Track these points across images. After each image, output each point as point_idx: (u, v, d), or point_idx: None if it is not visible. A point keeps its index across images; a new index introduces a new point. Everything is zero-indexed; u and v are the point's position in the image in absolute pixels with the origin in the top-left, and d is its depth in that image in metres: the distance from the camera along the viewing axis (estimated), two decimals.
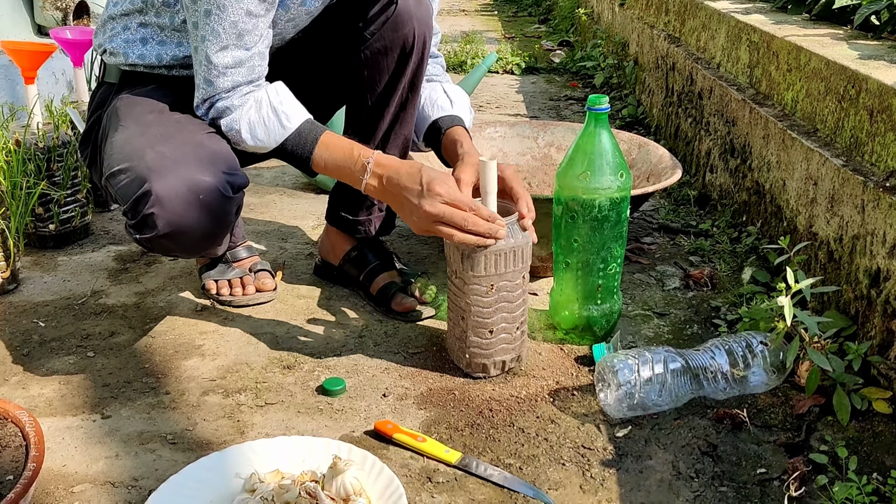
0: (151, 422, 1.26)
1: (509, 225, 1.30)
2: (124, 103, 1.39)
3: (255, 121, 1.33)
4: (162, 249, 1.31)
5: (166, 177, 1.23)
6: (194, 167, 1.26)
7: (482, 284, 1.30)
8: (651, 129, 2.84)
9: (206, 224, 1.28)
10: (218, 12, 1.27)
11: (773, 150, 1.77)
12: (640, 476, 1.15)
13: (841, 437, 1.22)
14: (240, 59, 1.31)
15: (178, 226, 1.24)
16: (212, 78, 1.31)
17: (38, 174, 1.78)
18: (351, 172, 1.32)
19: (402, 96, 1.50)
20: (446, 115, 1.51)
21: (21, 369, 1.39)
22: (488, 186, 1.30)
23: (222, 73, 1.31)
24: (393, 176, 1.28)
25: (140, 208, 1.23)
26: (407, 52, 1.45)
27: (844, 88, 1.52)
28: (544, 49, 4.56)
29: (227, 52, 1.29)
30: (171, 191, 1.23)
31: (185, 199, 1.24)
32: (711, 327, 1.55)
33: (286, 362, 1.42)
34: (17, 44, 2.00)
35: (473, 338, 1.33)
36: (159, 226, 1.23)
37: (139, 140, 1.29)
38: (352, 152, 1.32)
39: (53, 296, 1.66)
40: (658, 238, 1.98)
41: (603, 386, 1.29)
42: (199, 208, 1.25)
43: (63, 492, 1.10)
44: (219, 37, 1.28)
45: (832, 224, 1.49)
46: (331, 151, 1.33)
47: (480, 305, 1.31)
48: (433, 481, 1.13)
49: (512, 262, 1.31)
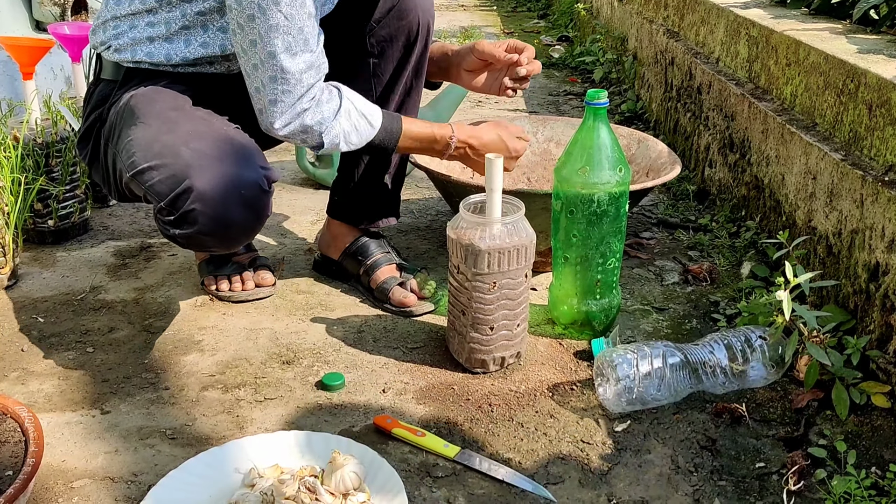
0: (151, 417, 1.26)
1: (513, 223, 1.30)
2: (139, 100, 1.36)
3: (349, 130, 1.39)
4: (197, 244, 1.31)
5: (207, 173, 1.24)
6: (233, 163, 1.27)
7: (485, 282, 1.30)
8: (650, 123, 2.84)
9: (248, 219, 1.29)
10: (286, 22, 1.26)
11: (772, 145, 1.77)
12: (640, 470, 1.15)
13: (840, 432, 1.22)
14: (310, 61, 1.32)
15: (222, 221, 1.25)
16: (290, 88, 1.31)
17: (36, 170, 1.78)
18: (434, 151, 1.48)
19: (407, 83, 1.52)
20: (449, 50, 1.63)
21: (20, 365, 1.39)
22: (493, 183, 1.30)
23: (299, 81, 1.31)
24: (479, 147, 1.49)
25: (180, 204, 1.23)
26: (412, 40, 1.47)
27: (843, 83, 1.52)
28: (543, 44, 4.55)
29: (299, 58, 1.30)
30: (214, 187, 1.23)
31: (228, 195, 1.24)
32: (710, 322, 1.55)
33: (285, 357, 1.42)
34: (15, 39, 1.99)
35: (474, 334, 1.33)
36: (201, 221, 1.24)
37: (169, 137, 1.28)
38: (433, 134, 1.46)
39: (52, 291, 1.66)
40: (657, 233, 1.98)
41: (602, 380, 1.29)
42: (241, 203, 1.26)
43: (62, 487, 1.11)
44: (290, 47, 1.28)
45: (831, 218, 1.49)
46: (414, 139, 1.45)
47: (482, 302, 1.31)
48: (432, 476, 1.13)
49: (515, 259, 1.30)
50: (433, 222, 2.04)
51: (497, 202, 1.30)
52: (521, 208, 1.34)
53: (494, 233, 1.30)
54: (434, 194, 2.23)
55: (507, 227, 1.30)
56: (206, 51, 1.39)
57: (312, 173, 2.25)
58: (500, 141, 1.49)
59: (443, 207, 2.13)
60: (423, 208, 2.14)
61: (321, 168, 2.25)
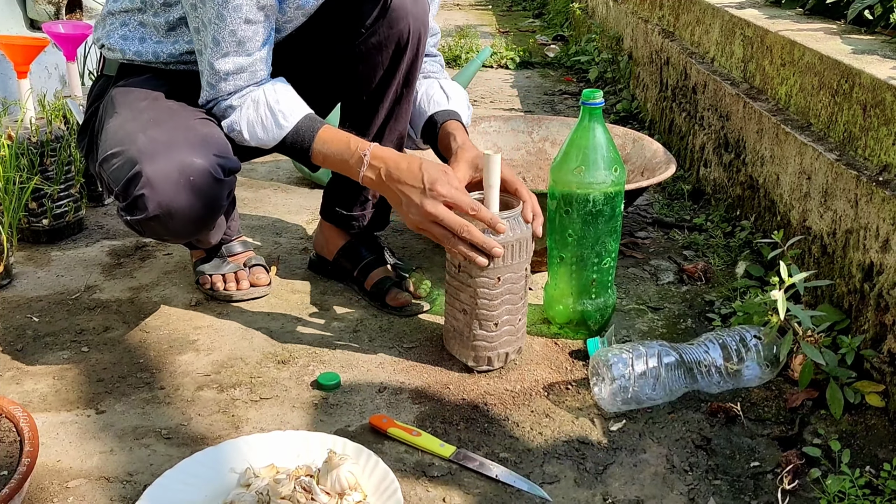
0: (146, 417, 1.26)
1: (514, 217, 1.30)
2: (119, 92, 1.40)
3: (254, 120, 1.35)
4: (152, 232, 1.31)
5: (157, 159, 1.24)
6: (185, 150, 1.27)
7: (490, 276, 1.30)
8: (645, 123, 2.84)
9: (197, 206, 1.28)
10: (217, 22, 1.28)
11: (767, 145, 1.78)
12: (635, 469, 1.15)
13: (834, 431, 1.22)
14: (241, 65, 1.33)
15: (167, 207, 1.25)
16: (214, 82, 1.34)
17: (31, 169, 1.77)
18: (348, 165, 1.33)
19: (396, 92, 1.50)
20: (442, 110, 1.51)
21: (15, 364, 1.39)
22: (491, 180, 1.29)
23: (224, 79, 1.34)
24: (393, 170, 1.28)
25: (131, 190, 1.24)
26: (402, 47, 1.45)
27: (838, 83, 1.53)
28: (539, 43, 4.55)
29: (229, 59, 1.32)
30: (161, 172, 1.24)
31: (175, 181, 1.24)
32: (705, 321, 1.55)
33: (281, 357, 1.42)
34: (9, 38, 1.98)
35: (479, 331, 1.33)
36: (149, 207, 1.24)
37: (131, 125, 1.31)
38: (349, 145, 1.33)
39: (47, 291, 1.65)
40: (652, 232, 1.98)
41: (597, 380, 1.29)
42: (189, 190, 1.26)
43: (58, 487, 1.10)
44: (219, 45, 1.31)
45: (825, 218, 1.49)
46: (328, 145, 1.34)
47: (487, 298, 1.31)
48: (428, 475, 1.13)
49: (518, 252, 1.31)
50: None
51: (495, 198, 1.30)
52: (517, 203, 1.33)
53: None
54: None
55: (509, 221, 1.29)
56: (190, 46, 1.41)
57: (307, 173, 2.25)
58: (417, 172, 1.26)
59: None
60: None
61: None
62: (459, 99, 1.56)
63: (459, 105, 1.55)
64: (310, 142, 1.34)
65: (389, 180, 1.29)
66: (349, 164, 1.33)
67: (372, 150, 1.31)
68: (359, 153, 1.31)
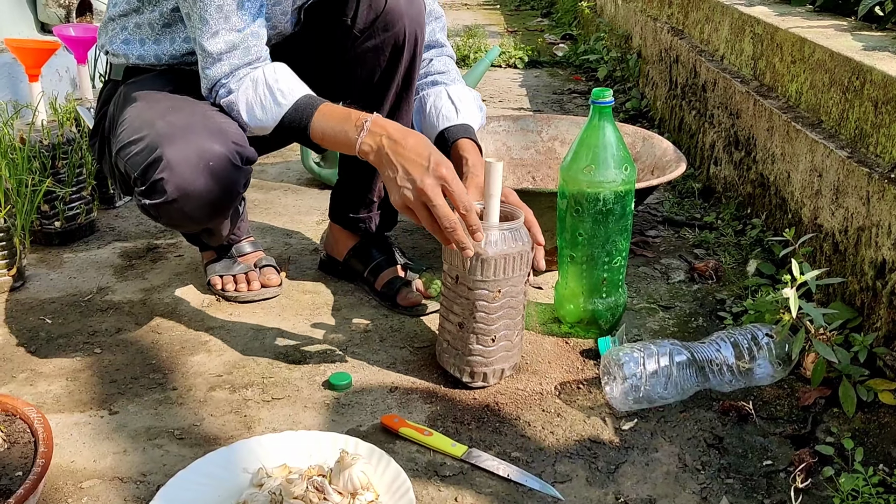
0: (159, 417, 1.26)
1: (516, 229, 1.27)
2: (132, 88, 1.41)
3: (252, 100, 1.32)
4: (168, 218, 1.31)
5: (177, 143, 1.25)
6: (204, 135, 1.28)
7: (489, 290, 1.26)
8: (655, 121, 2.83)
9: (215, 191, 1.29)
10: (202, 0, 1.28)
11: (778, 142, 1.77)
12: (647, 468, 1.15)
13: (847, 429, 1.22)
14: (233, 42, 1.30)
15: (186, 191, 1.25)
16: (208, 66, 1.32)
17: (42, 171, 1.79)
18: (346, 135, 1.25)
19: (395, 95, 1.50)
20: (452, 126, 1.48)
21: (28, 366, 1.40)
22: (492, 189, 1.25)
23: (218, 60, 1.31)
24: (398, 140, 1.21)
25: (150, 174, 1.25)
26: (398, 49, 1.45)
27: (849, 80, 1.52)
28: (547, 43, 4.55)
29: (219, 38, 1.30)
30: (181, 156, 1.25)
31: (194, 165, 1.25)
32: (717, 320, 1.55)
33: (292, 357, 1.43)
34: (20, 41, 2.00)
35: (476, 346, 1.29)
36: (168, 190, 1.25)
37: (149, 113, 1.31)
38: (349, 115, 1.27)
39: (60, 293, 1.66)
40: (663, 231, 1.98)
41: (609, 379, 1.29)
42: (208, 175, 1.27)
43: (72, 487, 1.11)
44: (207, 24, 1.29)
45: (837, 216, 1.49)
46: (328, 118, 1.28)
47: (486, 311, 1.27)
48: (440, 475, 1.14)
49: (518, 265, 1.27)
50: None
51: (496, 208, 1.26)
52: (520, 214, 1.30)
53: (498, 238, 1.25)
54: None
55: (510, 232, 1.26)
56: (189, 45, 1.42)
57: (318, 173, 2.26)
58: (424, 149, 1.20)
59: None
60: None
61: (326, 168, 2.25)
62: (469, 107, 1.52)
63: (470, 114, 1.51)
64: (308, 119, 1.29)
65: (391, 150, 1.21)
66: (347, 133, 1.25)
67: (374, 118, 1.25)
68: (360, 120, 1.25)
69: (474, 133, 1.50)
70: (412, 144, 1.21)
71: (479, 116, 1.55)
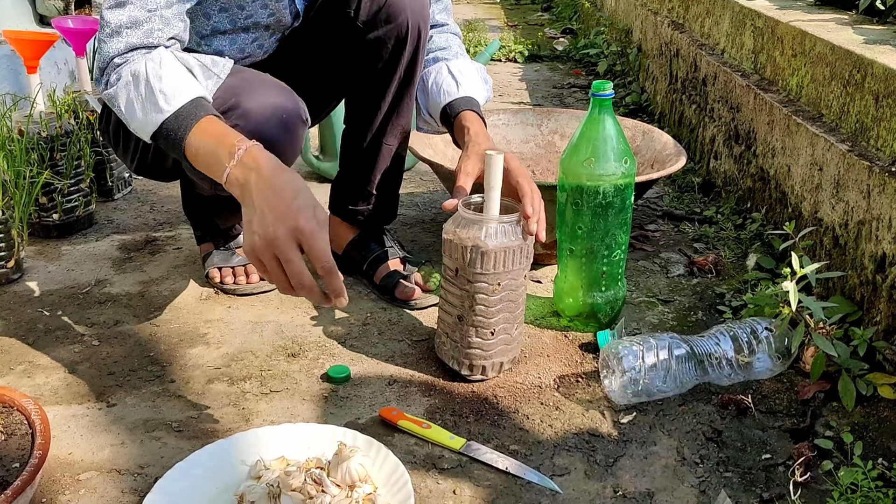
0: (157, 410, 1.26)
1: (515, 221, 1.27)
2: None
3: (133, 97, 1.16)
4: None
5: (254, 94, 1.28)
6: (276, 90, 1.32)
7: (490, 283, 1.26)
8: (655, 116, 2.83)
9: (283, 143, 1.30)
10: None
11: (778, 136, 1.76)
12: (645, 462, 1.15)
13: (846, 423, 1.22)
14: (136, 18, 1.19)
15: (260, 137, 1.14)
16: (104, 37, 1.20)
17: (41, 163, 1.78)
18: (217, 160, 1.08)
19: (398, 86, 1.49)
20: (455, 99, 1.49)
21: (26, 358, 1.40)
22: (492, 181, 1.25)
23: (116, 33, 1.19)
24: (266, 176, 1.03)
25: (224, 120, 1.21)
26: (401, 41, 1.44)
27: (850, 73, 1.51)
28: (547, 37, 4.54)
29: (124, 10, 1.19)
30: (257, 105, 1.27)
31: (269, 115, 1.28)
32: (716, 314, 1.55)
33: (291, 350, 1.42)
34: (18, 33, 1.99)
35: (475, 339, 1.29)
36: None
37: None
38: (226, 136, 1.10)
39: (58, 285, 1.66)
40: (662, 225, 1.97)
41: (607, 372, 1.29)
42: (280, 125, 1.30)
43: (69, 479, 1.11)
44: None
45: (837, 209, 1.48)
46: (206, 134, 1.11)
47: (486, 304, 1.27)
48: (438, 468, 1.13)
49: (518, 258, 1.27)
50: (437, 215, 2.03)
51: (496, 200, 1.26)
52: (519, 208, 1.29)
53: (498, 231, 1.25)
54: (438, 188, 2.22)
55: (510, 225, 1.26)
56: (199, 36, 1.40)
57: (317, 167, 2.25)
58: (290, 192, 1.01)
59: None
60: (427, 202, 2.13)
61: (325, 162, 2.24)
62: (471, 79, 1.52)
63: (472, 86, 1.51)
64: (185, 131, 1.12)
65: (256, 188, 1.03)
66: (219, 158, 1.07)
67: (251, 146, 1.07)
68: (234, 147, 1.07)
69: (478, 105, 1.50)
70: (279, 185, 1.02)
71: (483, 89, 1.54)
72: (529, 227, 1.26)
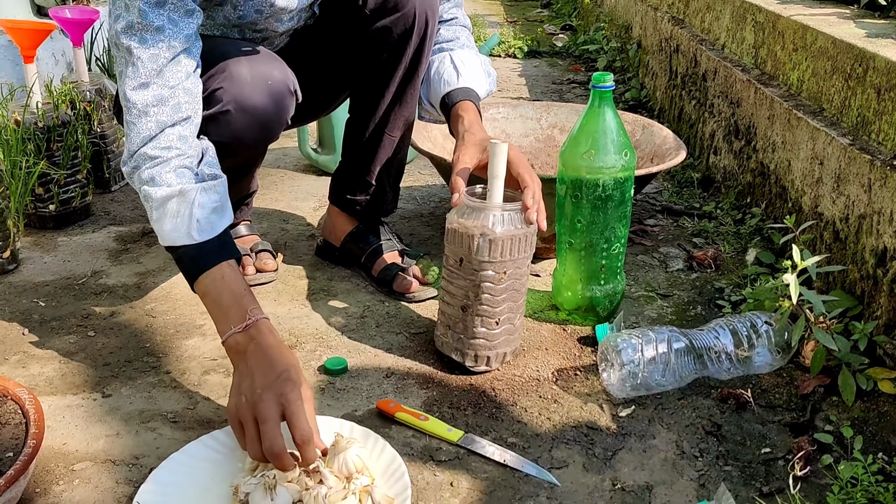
0: (152, 401, 1.25)
1: (519, 210, 1.26)
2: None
3: (172, 211, 1.16)
4: (217, 134, 1.29)
5: (240, 62, 1.32)
6: (266, 60, 1.36)
7: (496, 271, 1.25)
8: (654, 112, 2.82)
9: (268, 111, 1.34)
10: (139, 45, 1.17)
11: (779, 131, 1.76)
12: (644, 455, 1.14)
13: (846, 417, 1.21)
14: (161, 96, 1.18)
15: (242, 104, 1.31)
16: (132, 119, 1.18)
17: (37, 154, 1.77)
18: (226, 317, 1.12)
19: (403, 76, 1.48)
20: (454, 90, 1.47)
21: (21, 348, 1.39)
22: (496, 170, 1.24)
23: (144, 113, 1.17)
24: (266, 349, 1.08)
25: (209, 84, 1.29)
26: (407, 31, 1.43)
27: (851, 67, 1.51)
28: (547, 33, 4.53)
29: (148, 90, 1.17)
30: (243, 71, 1.31)
31: (253, 82, 1.32)
32: (715, 308, 1.54)
33: (288, 342, 1.41)
34: (15, 22, 1.97)
35: (480, 329, 1.28)
36: (224, 100, 1.29)
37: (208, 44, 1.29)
38: (243, 298, 1.13)
39: (53, 276, 1.65)
40: (661, 220, 1.96)
41: (606, 366, 1.28)
42: (265, 93, 1.33)
43: (63, 469, 1.10)
44: (137, 72, 1.17)
45: (838, 204, 1.48)
46: (223, 287, 1.14)
47: (491, 293, 1.26)
48: (435, 459, 1.12)
49: (523, 247, 1.26)
50: (436, 209, 2.02)
51: (499, 189, 1.25)
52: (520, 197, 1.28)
53: (505, 219, 1.25)
54: (437, 181, 2.21)
55: (515, 213, 1.25)
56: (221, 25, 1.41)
57: (315, 160, 2.24)
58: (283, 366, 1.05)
59: (446, 194, 2.12)
60: (426, 195, 2.12)
61: (324, 155, 2.23)
62: (473, 70, 1.50)
63: (473, 78, 1.49)
64: (204, 268, 1.15)
65: (253, 354, 1.08)
66: (228, 315, 1.12)
67: (261, 321, 1.11)
68: (247, 316, 1.11)
69: (477, 97, 1.48)
70: (274, 357, 1.07)
71: (485, 81, 1.53)
72: (529, 216, 1.25)
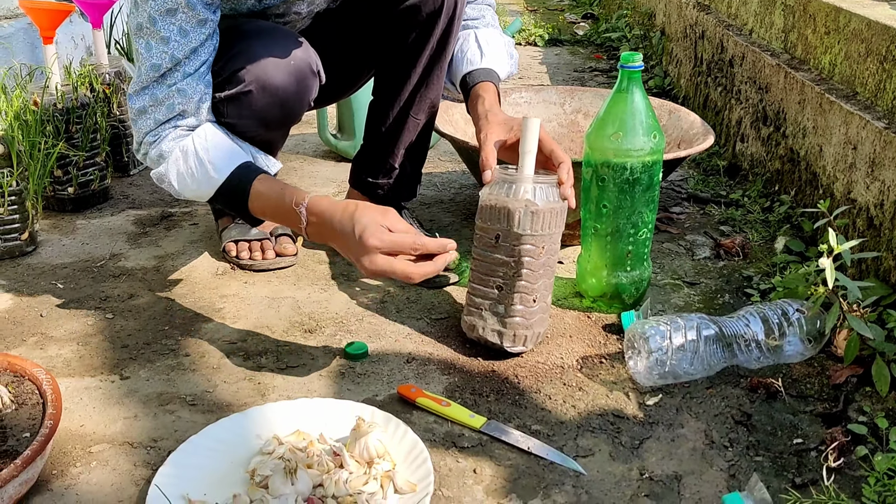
0: (171, 383, 1.23)
1: (552, 183, 1.25)
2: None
3: (184, 171, 1.28)
4: (238, 115, 1.32)
5: (264, 41, 1.32)
6: (290, 40, 1.35)
7: (536, 244, 1.23)
8: (679, 100, 2.77)
9: (290, 91, 1.34)
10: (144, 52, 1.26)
11: (810, 116, 1.71)
12: (672, 444, 1.11)
13: (880, 408, 1.17)
14: (156, 97, 1.27)
15: (263, 83, 1.30)
16: (133, 117, 1.30)
17: (56, 135, 1.75)
18: (291, 221, 1.21)
19: (429, 58, 1.46)
20: (475, 70, 1.46)
21: (39, 330, 1.37)
22: (528, 146, 1.24)
23: (142, 112, 1.28)
24: (326, 225, 1.16)
25: (231, 65, 1.30)
26: (436, 12, 1.41)
27: (887, 49, 1.46)
28: (568, 21, 4.48)
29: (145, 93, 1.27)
30: (265, 51, 1.31)
31: (276, 62, 1.31)
32: (743, 297, 1.50)
33: (307, 326, 1.39)
34: (35, 2, 1.96)
35: (518, 306, 1.26)
36: (246, 80, 1.29)
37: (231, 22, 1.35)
38: (283, 199, 1.21)
39: (72, 258, 1.63)
40: (687, 208, 1.93)
41: (633, 353, 1.25)
42: (287, 72, 1.33)
43: (81, 451, 1.08)
44: (140, 78, 1.27)
45: (872, 189, 1.43)
46: (263, 201, 1.24)
47: (531, 268, 1.24)
48: (458, 446, 1.10)
49: (559, 221, 1.26)
50: (457, 195, 2.00)
51: (531, 164, 1.25)
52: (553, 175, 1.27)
53: (546, 191, 1.23)
54: (458, 167, 2.18)
55: (549, 187, 1.24)
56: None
57: (335, 145, 2.22)
58: (349, 223, 1.12)
59: (466, 181, 2.09)
60: (446, 181, 2.10)
61: (343, 140, 2.21)
62: (496, 51, 1.49)
63: (496, 58, 1.48)
64: (245, 198, 1.25)
65: (328, 236, 1.17)
66: (291, 220, 1.21)
67: (308, 204, 1.18)
68: (295, 210, 1.18)
69: (497, 78, 1.46)
70: (337, 223, 1.14)
71: (507, 63, 1.51)
72: (564, 191, 1.25)
